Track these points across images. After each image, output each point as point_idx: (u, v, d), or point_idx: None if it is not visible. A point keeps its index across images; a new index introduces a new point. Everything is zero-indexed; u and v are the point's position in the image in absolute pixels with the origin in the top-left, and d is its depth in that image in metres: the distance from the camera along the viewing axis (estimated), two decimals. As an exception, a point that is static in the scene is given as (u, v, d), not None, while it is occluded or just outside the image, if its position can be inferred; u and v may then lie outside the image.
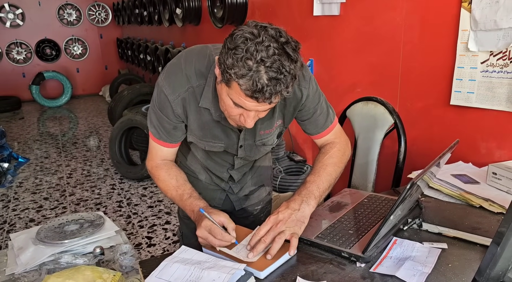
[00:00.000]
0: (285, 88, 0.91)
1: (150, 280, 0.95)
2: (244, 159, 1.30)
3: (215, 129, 1.16)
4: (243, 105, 0.95)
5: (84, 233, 1.48)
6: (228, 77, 0.90)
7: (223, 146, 1.20)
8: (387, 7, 1.81)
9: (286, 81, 0.89)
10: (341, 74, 2.20)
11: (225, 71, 0.90)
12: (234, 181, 1.37)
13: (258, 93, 0.89)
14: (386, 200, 1.28)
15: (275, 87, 0.88)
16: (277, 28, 0.91)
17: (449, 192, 1.29)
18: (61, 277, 1.11)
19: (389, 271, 0.95)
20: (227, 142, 1.20)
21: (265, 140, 1.21)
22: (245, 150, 1.24)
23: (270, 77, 0.87)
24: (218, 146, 1.21)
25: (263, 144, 1.22)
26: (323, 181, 1.16)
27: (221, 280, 0.91)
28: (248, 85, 0.88)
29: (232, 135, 1.18)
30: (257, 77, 0.87)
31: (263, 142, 1.22)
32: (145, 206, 3.15)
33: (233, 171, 1.33)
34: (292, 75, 0.90)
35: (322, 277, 0.96)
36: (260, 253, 1.01)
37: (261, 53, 0.86)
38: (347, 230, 1.12)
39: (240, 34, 0.89)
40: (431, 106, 1.67)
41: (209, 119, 1.14)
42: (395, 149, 1.82)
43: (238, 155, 1.25)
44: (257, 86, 0.87)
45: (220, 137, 1.18)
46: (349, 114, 1.86)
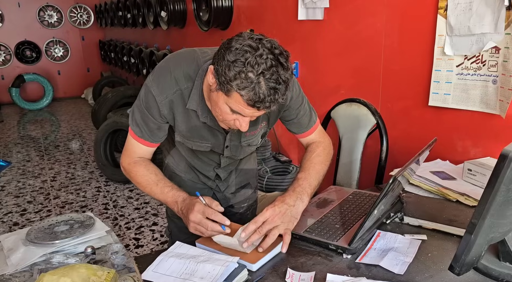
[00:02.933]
0: (282, 96, 0.97)
1: (147, 274, 0.99)
2: (230, 158, 1.34)
3: (202, 130, 1.21)
4: (242, 112, 1.00)
5: (74, 234, 1.50)
6: (229, 88, 0.95)
7: (209, 146, 1.25)
8: (369, 13, 1.89)
9: (283, 89, 0.96)
10: (325, 77, 2.28)
11: (226, 82, 0.95)
12: (220, 179, 1.42)
13: (260, 103, 0.95)
14: (370, 196, 1.34)
15: (274, 96, 0.95)
16: (270, 40, 0.97)
17: (428, 188, 1.37)
18: (56, 274, 1.13)
19: (373, 261, 1.02)
20: (213, 143, 1.24)
21: (250, 141, 1.27)
22: (231, 150, 1.28)
23: (269, 87, 0.94)
24: (205, 146, 1.25)
25: (248, 144, 1.28)
26: (314, 179, 1.23)
27: (215, 272, 0.95)
28: (250, 96, 0.94)
29: (218, 136, 1.23)
30: (258, 88, 0.93)
31: (248, 143, 1.27)
32: (132, 208, 3.15)
33: (220, 169, 1.37)
34: (286, 84, 0.97)
35: (311, 268, 1.02)
36: (253, 245, 1.06)
37: (262, 65, 0.92)
38: (334, 224, 1.18)
39: (239, 47, 0.94)
40: (411, 107, 1.76)
41: (196, 121, 1.18)
42: (377, 148, 1.90)
43: (224, 154, 1.30)
44: (259, 97, 0.94)
45: (207, 138, 1.23)
46: (334, 115, 1.93)
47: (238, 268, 0.98)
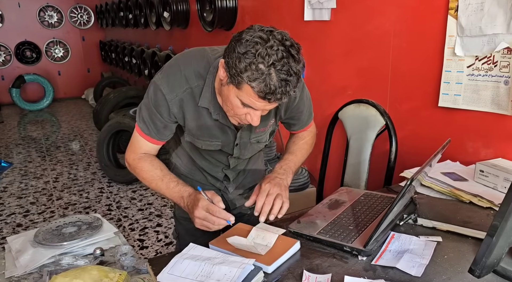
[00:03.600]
0: (293, 88, 0.97)
1: (162, 276, 0.98)
2: (238, 158, 1.33)
3: (212, 129, 1.20)
4: (253, 105, 0.99)
5: (83, 235, 1.49)
6: (240, 80, 0.95)
7: (220, 145, 1.24)
8: (377, 14, 1.89)
9: (294, 81, 0.95)
10: (331, 77, 2.27)
11: (237, 74, 0.94)
12: (229, 180, 1.41)
13: (271, 95, 0.94)
14: (382, 198, 1.34)
15: (286, 88, 0.94)
16: (281, 32, 0.96)
17: (439, 189, 1.36)
18: (68, 276, 1.12)
19: (389, 263, 1.01)
20: (223, 141, 1.23)
21: (259, 137, 1.27)
22: (240, 148, 1.28)
23: (280, 79, 0.93)
24: (215, 145, 1.24)
25: (257, 141, 1.27)
26: (299, 161, 1.33)
27: (232, 274, 0.94)
28: (260, 87, 0.93)
29: (229, 134, 1.22)
30: (269, 79, 0.92)
31: (258, 140, 1.27)
32: (135, 209, 3.14)
33: (228, 170, 1.37)
34: (298, 76, 0.96)
35: (326, 270, 1.01)
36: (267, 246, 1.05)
37: (272, 56, 0.91)
38: (347, 226, 1.17)
39: (249, 39, 0.93)
40: (420, 107, 1.75)
41: (208, 119, 1.17)
42: (384, 149, 1.90)
43: (233, 155, 1.29)
44: (270, 88, 0.92)
45: (217, 136, 1.22)
46: (341, 116, 1.92)
47: (254, 270, 0.97)
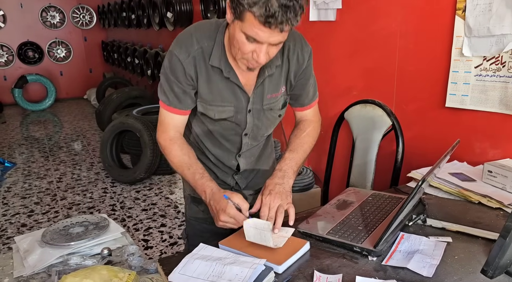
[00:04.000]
0: (294, 17, 0.98)
1: (174, 276, 0.98)
2: (252, 138, 1.32)
3: (224, 91, 1.20)
4: (256, 36, 1.01)
5: (90, 235, 1.49)
6: (241, 9, 0.98)
7: (232, 110, 1.23)
8: (383, 14, 1.89)
9: (295, 9, 0.97)
10: (336, 78, 2.27)
11: (238, 4, 0.98)
12: (240, 174, 1.39)
13: (271, 18, 0.96)
14: (390, 198, 1.34)
15: (286, 14, 0.96)
16: None
17: (448, 189, 1.36)
18: (78, 276, 1.12)
19: (400, 263, 1.01)
20: (236, 106, 1.22)
21: (272, 104, 1.26)
22: (254, 116, 1.26)
23: (280, 3, 0.95)
24: (228, 111, 1.22)
25: (270, 108, 1.27)
26: (300, 158, 1.28)
27: (243, 274, 0.94)
28: (261, 12, 0.95)
29: (241, 97, 1.22)
30: (269, 3, 0.95)
31: (270, 107, 1.26)
32: (139, 209, 3.14)
33: (241, 158, 1.35)
34: (299, 5, 0.99)
35: (337, 271, 1.01)
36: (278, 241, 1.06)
37: None
38: (356, 226, 1.17)
39: None
40: (427, 108, 1.75)
41: (219, 80, 1.19)
42: (390, 149, 1.90)
43: (246, 128, 1.27)
44: (269, 11, 0.95)
45: (229, 99, 1.21)
46: (347, 116, 1.92)
47: (265, 270, 0.97)
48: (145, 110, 4.16)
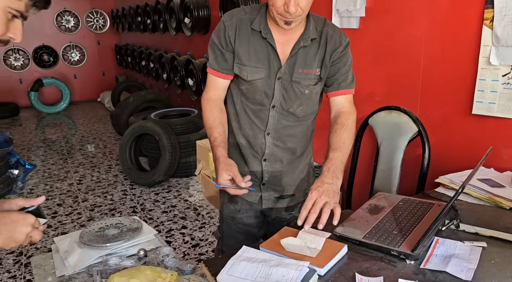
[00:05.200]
0: None
1: (222, 277, 1.02)
2: (279, 112, 1.36)
3: (260, 53, 1.32)
4: None
5: (125, 237, 1.54)
6: None
7: (264, 72, 1.32)
8: (408, 23, 1.93)
9: None
10: (358, 84, 2.29)
11: None
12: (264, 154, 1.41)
13: None
14: (420, 203, 1.37)
15: None
16: None
17: (478, 195, 1.39)
18: (124, 276, 1.17)
19: (438, 267, 1.05)
20: (268, 69, 1.32)
21: (302, 79, 1.32)
22: (282, 86, 1.33)
23: None
24: (260, 72, 1.32)
25: (298, 82, 1.33)
26: (345, 156, 1.31)
27: (290, 276, 0.99)
28: None
29: (273, 62, 1.32)
30: None
31: (299, 80, 1.32)
32: (159, 211, 3.20)
33: (268, 137, 1.39)
34: None
35: (377, 273, 1.05)
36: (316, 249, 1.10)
37: None
38: (391, 230, 1.21)
39: None
40: (452, 114, 1.79)
41: (257, 40, 1.32)
42: (414, 154, 1.93)
43: (274, 96, 1.34)
44: None
45: (263, 61, 1.32)
46: (372, 122, 1.96)
47: (309, 272, 1.01)
48: (163, 114, 4.23)
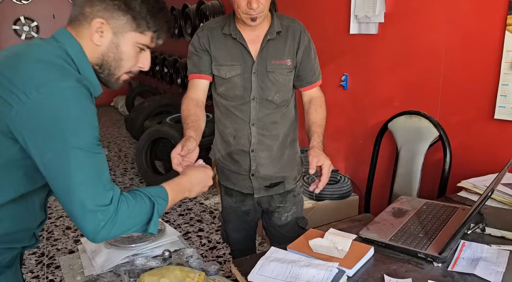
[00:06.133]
0: None
1: (252, 276, 1.05)
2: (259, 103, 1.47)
3: (233, 52, 1.45)
4: None
5: (150, 238, 1.57)
6: None
7: (240, 68, 1.45)
8: (428, 29, 1.94)
9: None
10: (376, 89, 2.33)
11: None
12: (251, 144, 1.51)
13: None
14: (444, 207, 1.38)
15: None
16: None
17: (502, 199, 1.40)
18: (155, 275, 1.20)
19: (466, 269, 1.06)
20: (243, 65, 1.45)
21: (276, 69, 1.46)
22: (258, 78, 1.46)
23: None
24: (236, 69, 1.46)
25: (273, 71, 1.46)
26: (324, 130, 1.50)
27: (320, 276, 1.01)
28: None
29: (247, 59, 1.45)
30: None
31: (273, 70, 1.46)
32: (176, 214, 3.23)
33: (253, 127, 1.50)
34: None
35: (405, 275, 1.06)
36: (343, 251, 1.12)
37: None
38: (417, 233, 1.23)
39: None
40: (474, 120, 1.79)
41: (230, 42, 1.45)
42: (434, 159, 1.94)
43: (252, 88, 1.45)
44: None
45: (237, 59, 1.45)
46: (391, 126, 1.98)
47: (339, 273, 1.03)
48: (178, 118, 4.29)
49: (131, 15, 0.92)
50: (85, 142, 0.83)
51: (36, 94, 0.79)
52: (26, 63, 0.84)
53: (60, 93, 0.81)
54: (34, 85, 0.80)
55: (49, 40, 0.93)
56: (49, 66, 0.85)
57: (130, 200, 0.92)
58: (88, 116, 0.85)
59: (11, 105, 0.80)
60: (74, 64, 0.90)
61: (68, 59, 0.90)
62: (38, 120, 0.80)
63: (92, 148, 0.85)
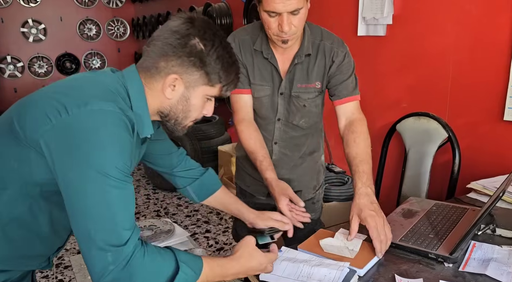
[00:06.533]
0: None
1: (265, 276, 1.05)
2: (284, 124, 1.43)
3: (264, 71, 1.39)
4: (273, 9, 1.19)
5: (159, 238, 1.59)
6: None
7: (269, 89, 1.40)
8: (436, 31, 1.95)
9: None
10: (384, 90, 2.33)
11: None
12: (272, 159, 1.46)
13: None
14: (454, 208, 1.38)
15: None
16: None
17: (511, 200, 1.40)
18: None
19: (478, 270, 1.06)
20: (272, 86, 1.40)
21: (301, 93, 1.39)
22: (284, 100, 1.41)
23: None
24: (265, 89, 1.40)
25: (297, 96, 1.39)
26: (371, 166, 1.29)
27: (332, 276, 1.01)
28: None
29: (276, 79, 1.39)
30: None
31: (298, 95, 1.39)
32: (183, 216, 3.25)
33: (276, 146, 1.47)
34: None
35: (416, 275, 1.06)
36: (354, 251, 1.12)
37: None
38: (427, 234, 1.23)
39: None
40: (483, 121, 1.79)
41: (260, 60, 1.38)
42: (442, 160, 1.94)
43: (278, 110, 1.41)
44: None
45: (267, 79, 1.39)
46: (400, 128, 1.98)
47: (350, 273, 1.04)
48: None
49: (204, 70, 0.92)
50: (110, 168, 0.78)
51: (76, 110, 0.79)
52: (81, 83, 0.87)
53: (98, 113, 0.80)
54: (77, 103, 0.80)
55: (118, 73, 0.95)
56: (99, 89, 0.86)
57: (151, 252, 0.81)
58: (119, 144, 0.81)
59: (50, 119, 0.79)
60: (129, 100, 0.90)
61: (124, 93, 0.90)
62: (69, 136, 0.78)
63: (117, 177, 0.79)
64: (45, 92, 0.88)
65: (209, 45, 0.91)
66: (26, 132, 0.81)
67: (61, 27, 7.80)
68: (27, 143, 0.81)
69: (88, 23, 8.05)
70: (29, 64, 7.64)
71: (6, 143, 0.84)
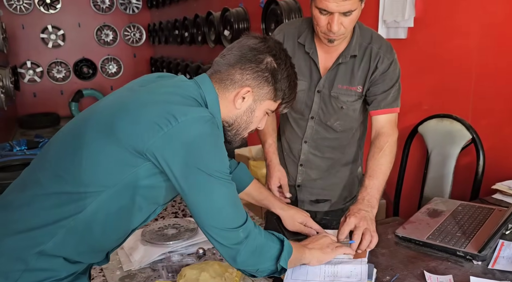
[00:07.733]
0: None
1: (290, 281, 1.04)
2: (317, 123, 1.41)
3: (303, 66, 1.37)
4: (326, 7, 1.17)
5: (184, 236, 1.61)
6: None
7: (305, 84, 1.38)
8: (459, 33, 1.95)
9: None
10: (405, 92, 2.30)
11: None
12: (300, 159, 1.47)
13: None
14: (480, 208, 1.38)
15: None
16: None
17: (538, 201, 1.39)
18: (195, 269, 1.24)
19: (507, 268, 1.06)
20: (309, 81, 1.38)
21: (341, 95, 1.36)
22: (321, 99, 1.38)
23: None
24: (302, 84, 1.35)
25: (336, 97, 1.36)
26: (381, 183, 1.30)
27: (358, 271, 1.02)
28: None
29: (314, 76, 1.37)
30: None
31: (338, 96, 1.36)
32: (201, 217, 3.27)
33: (305, 145, 1.45)
34: None
35: (445, 272, 1.07)
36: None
37: None
38: (454, 232, 1.23)
39: None
40: (507, 122, 1.78)
41: (301, 54, 1.37)
42: (465, 161, 1.93)
43: (312, 107, 1.39)
44: None
45: (305, 74, 1.37)
46: (422, 130, 1.98)
47: (370, 266, 1.05)
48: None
49: (274, 86, 1.00)
50: (222, 168, 0.89)
51: (184, 118, 0.86)
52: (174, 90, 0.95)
53: (201, 120, 0.88)
54: (182, 112, 0.87)
55: (192, 81, 1.01)
56: (189, 97, 0.93)
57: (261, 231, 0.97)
58: (222, 147, 0.92)
59: (161, 127, 0.86)
60: (207, 108, 0.97)
61: (202, 101, 0.97)
62: (183, 143, 0.86)
63: (226, 177, 0.91)
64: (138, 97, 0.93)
65: (282, 64, 1.00)
66: (132, 138, 0.87)
67: (79, 33, 7.97)
68: (133, 150, 0.87)
69: (105, 29, 8.21)
70: (48, 69, 7.81)
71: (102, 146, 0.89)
